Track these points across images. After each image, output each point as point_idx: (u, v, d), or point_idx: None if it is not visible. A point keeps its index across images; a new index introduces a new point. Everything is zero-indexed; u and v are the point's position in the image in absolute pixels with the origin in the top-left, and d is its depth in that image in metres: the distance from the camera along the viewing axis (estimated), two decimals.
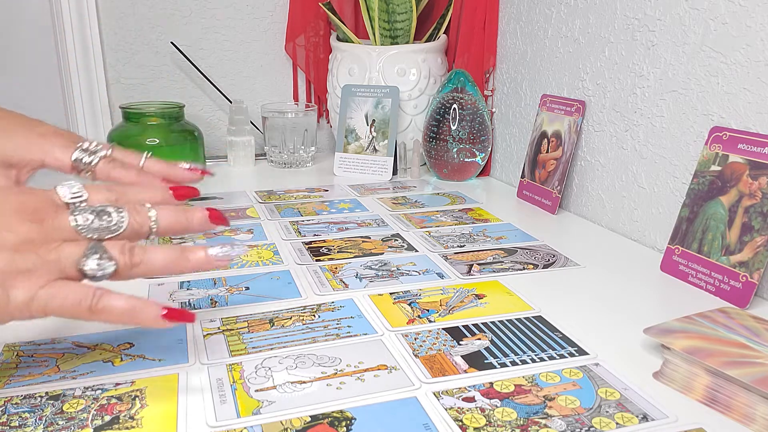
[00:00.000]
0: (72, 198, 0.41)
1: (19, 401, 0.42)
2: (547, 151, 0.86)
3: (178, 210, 0.44)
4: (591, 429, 0.39)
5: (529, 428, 0.39)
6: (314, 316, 0.54)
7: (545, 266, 0.65)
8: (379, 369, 0.46)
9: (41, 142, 0.47)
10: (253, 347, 0.49)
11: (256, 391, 0.43)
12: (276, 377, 0.45)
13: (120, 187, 0.44)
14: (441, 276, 0.62)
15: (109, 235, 0.41)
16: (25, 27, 1.10)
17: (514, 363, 0.47)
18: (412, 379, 0.45)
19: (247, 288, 0.60)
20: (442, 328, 0.52)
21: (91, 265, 0.39)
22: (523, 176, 0.91)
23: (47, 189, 0.41)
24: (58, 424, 0.40)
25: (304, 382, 0.44)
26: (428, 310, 0.55)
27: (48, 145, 0.47)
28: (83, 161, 0.48)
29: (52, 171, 0.48)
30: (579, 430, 0.39)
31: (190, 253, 0.42)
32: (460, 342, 0.50)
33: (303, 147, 1.08)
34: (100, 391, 0.43)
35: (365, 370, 0.46)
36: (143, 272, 0.41)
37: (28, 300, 0.37)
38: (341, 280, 0.61)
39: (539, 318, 0.54)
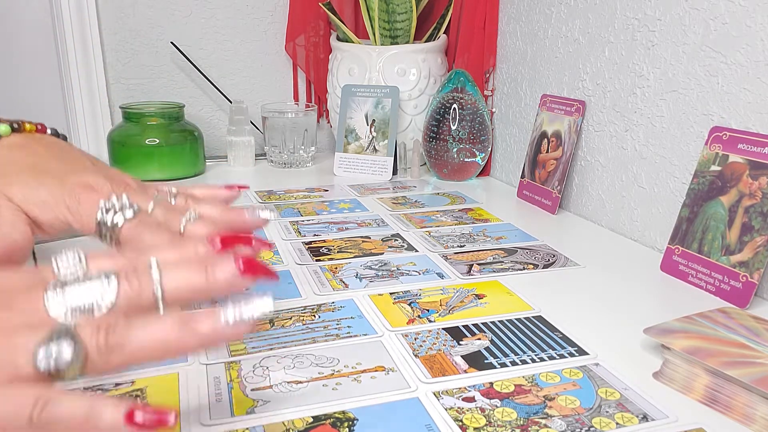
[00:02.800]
0: (65, 276, 0.31)
1: None
2: (547, 151, 0.86)
3: (193, 266, 0.32)
4: (591, 429, 0.39)
5: (529, 428, 0.39)
6: (314, 316, 0.54)
7: (545, 266, 0.65)
8: (376, 370, 0.46)
9: (69, 200, 0.39)
10: (253, 347, 0.49)
11: (252, 390, 0.43)
12: (273, 377, 0.45)
13: (136, 256, 0.33)
14: (441, 276, 0.62)
15: (97, 315, 0.30)
16: (25, 27, 1.10)
17: (514, 363, 0.47)
18: (412, 380, 0.45)
19: (247, 288, 0.59)
20: (442, 328, 0.52)
21: (41, 354, 0.27)
22: (523, 176, 0.91)
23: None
24: None
25: (300, 382, 0.44)
26: (428, 310, 0.55)
27: (75, 201, 0.39)
28: (107, 224, 0.39)
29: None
30: (579, 430, 0.39)
31: (198, 324, 0.30)
32: (460, 342, 0.50)
33: (303, 147, 1.08)
34: (100, 391, 0.43)
35: (362, 372, 0.46)
36: (125, 360, 0.29)
37: None
38: (341, 280, 0.61)
39: (539, 318, 0.54)
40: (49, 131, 0.47)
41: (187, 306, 0.32)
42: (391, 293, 0.58)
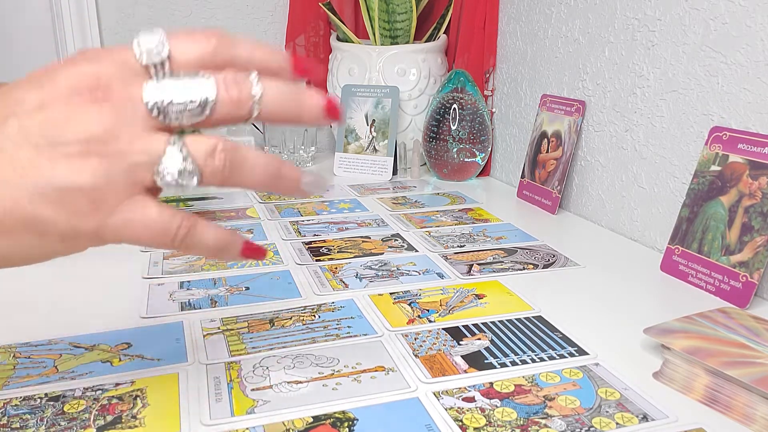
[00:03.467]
0: (150, 58, 0.29)
1: (19, 403, 0.42)
2: (547, 151, 0.86)
3: (291, 88, 0.32)
4: (591, 429, 0.39)
5: (529, 428, 0.39)
6: (314, 316, 0.54)
7: (545, 266, 0.65)
8: (376, 371, 0.46)
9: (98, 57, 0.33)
10: (253, 347, 0.49)
11: (252, 390, 0.43)
12: (273, 377, 0.45)
13: (222, 36, 0.31)
14: (441, 276, 0.62)
15: (194, 120, 0.30)
16: (25, 27, 1.10)
17: (514, 363, 0.47)
18: (412, 380, 0.45)
19: (247, 288, 0.60)
20: (442, 328, 0.52)
21: (166, 175, 0.29)
22: (523, 176, 0.91)
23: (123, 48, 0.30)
24: (60, 424, 0.40)
25: (300, 383, 0.44)
26: (428, 310, 0.55)
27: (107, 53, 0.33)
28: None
29: None
30: (579, 430, 0.39)
31: (287, 172, 0.32)
32: (460, 342, 0.50)
33: (303, 147, 1.08)
34: (100, 392, 0.43)
35: (362, 372, 0.46)
36: (236, 184, 0.31)
37: (96, 230, 0.29)
38: (341, 280, 0.61)
39: (539, 318, 0.54)
40: None
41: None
42: (391, 293, 0.58)
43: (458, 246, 0.71)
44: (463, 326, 0.52)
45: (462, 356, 0.48)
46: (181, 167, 0.29)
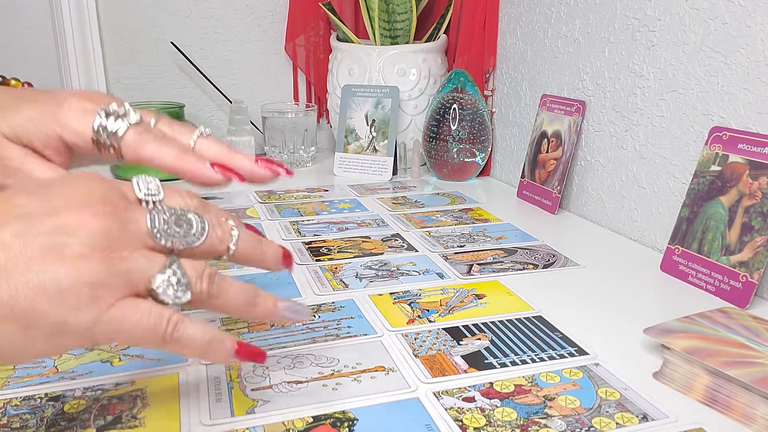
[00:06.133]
0: (147, 194, 0.34)
1: (19, 403, 0.42)
2: (547, 151, 0.86)
3: (256, 236, 0.37)
4: (591, 429, 0.39)
5: (529, 428, 0.39)
6: (314, 316, 0.54)
7: (545, 266, 0.65)
8: (376, 370, 0.46)
9: (57, 110, 0.37)
10: None
11: (252, 390, 0.43)
12: (273, 377, 0.45)
13: (200, 201, 0.36)
14: (441, 276, 0.62)
15: (183, 247, 0.33)
16: (25, 27, 1.10)
17: (514, 363, 0.47)
18: (412, 380, 0.45)
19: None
20: (442, 328, 0.52)
21: (163, 287, 0.32)
22: (523, 176, 0.91)
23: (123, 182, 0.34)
24: (60, 424, 0.40)
25: (301, 382, 0.44)
26: (428, 310, 0.55)
27: (64, 112, 0.37)
28: (106, 129, 0.37)
29: None
30: (579, 430, 0.39)
31: (261, 300, 0.36)
32: (460, 342, 0.50)
33: (303, 147, 1.08)
34: (100, 392, 0.43)
35: (362, 372, 0.46)
36: (216, 307, 0.34)
37: (92, 324, 0.30)
38: (341, 280, 0.61)
39: (539, 318, 0.54)
40: None
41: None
42: (391, 293, 0.58)
43: (458, 246, 0.71)
44: (463, 326, 0.52)
45: (462, 356, 0.48)
46: (177, 280, 0.32)
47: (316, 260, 0.66)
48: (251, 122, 1.13)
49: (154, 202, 0.34)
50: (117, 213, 0.32)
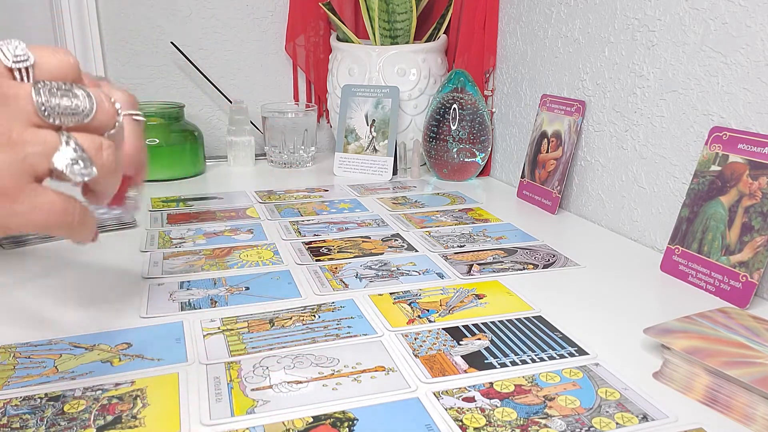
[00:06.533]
0: (15, 60, 0.31)
1: (19, 403, 0.42)
2: (547, 151, 0.86)
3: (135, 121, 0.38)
4: (591, 429, 0.39)
5: (529, 428, 0.39)
6: (314, 316, 0.54)
7: (545, 266, 0.65)
8: (376, 370, 0.46)
9: None
10: (253, 347, 0.49)
11: (252, 390, 0.43)
12: (273, 377, 0.45)
13: (73, 56, 0.34)
14: (441, 276, 0.62)
15: (73, 124, 0.32)
16: (25, 27, 1.10)
17: (514, 363, 0.47)
18: (412, 380, 0.45)
19: (247, 288, 0.60)
20: (442, 328, 0.52)
21: (65, 164, 0.31)
22: (523, 176, 0.91)
23: None
24: (59, 424, 0.40)
25: (301, 382, 0.44)
26: (428, 310, 0.55)
27: None
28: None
29: None
30: (579, 430, 0.39)
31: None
32: (460, 342, 0.50)
33: (303, 147, 1.08)
34: (100, 392, 0.43)
35: (362, 372, 0.46)
36: (108, 181, 0.35)
37: (3, 217, 0.30)
38: (341, 280, 0.61)
39: (539, 318, 0.54)
40: None
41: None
42: (391, 293, 0.58)
43: (458, 246, 0.71)
44: (463, 326, 0.52)
45: (462, 356, 0.48)
46: (75, 156, 0.31)
47: (316, 260, 0.66)
48: (251, 122, 1.13)
49: (26, 69, 0.32)
50: (1, 92, 0.30)
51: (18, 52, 0.32)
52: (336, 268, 0.64)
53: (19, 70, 0.31)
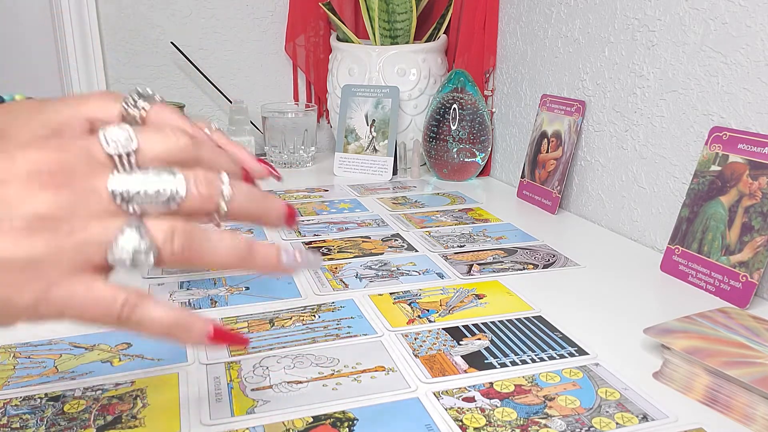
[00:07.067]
0: (116, 149, 0.29)
1: (19, 403, 0.42)
2: (547, 151, 0.86)
3: (257, 192, 0.33)
4: (591, 429, 0.39)
5: (529, 428, 0.39)
6: (314, 316, 0.54)
7: (545, 266, 0.65)
8: (376, 370, 0.46)
9: (81, 101, 0.34)
10: (253, 347, 0.49)
11: (252, 390, 0.43)
12: (273, 377, 0.45)
13: (190, 138, 0.32)
14: (441, 276, 0.62)
15: (159, 209, 0.29)
16: (25, 27, 1.10)
17: (514, 363, 0.47)
18: (412, 380, 0.45)
19: (247, 288, 0.60)
20: (442, 328, 0.52)
21: (121, 255, 0.28)
22: (523, 176, 0.91)
23: (89, 138, 0.30)
24: (59, 424, 0.40)
25: (300, 383, 0.44)
26: (428, 310, 0.55)
27: (92, 101, 0.34)
28: (130, 113, 0.34)
29: None
30: (579, 430, 0.39)
31: (260, 250, 0.32)
32: (460, 342, 0.50)
33: (303, 147, 1.08)
34: (100, 392, 0.43)
35: (362, 372, 0.46)
36: (196, 264, 0.30)
37: (34, 303, 0.28)
38: (341, 280, 0.61)
39: (539, 318, 0.54)
40: None
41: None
42: (391, 293, 0.58)
43: (458, 246, 0.71)
44: (463, 326, 0.52)
45: (462, 356, 0.48)
46: (137, 245, 0.28)
47: None
48: (251, 122, 1.13)
49: (128, 155, 0.30)
50: (72, 184, 0.28)
51: (120, 137, 0.30)
52: (336, 268, 0.64)
53: (120, 156, 0.30)
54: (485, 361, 0.47)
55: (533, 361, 0.47)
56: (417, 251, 0.69)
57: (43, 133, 0.32)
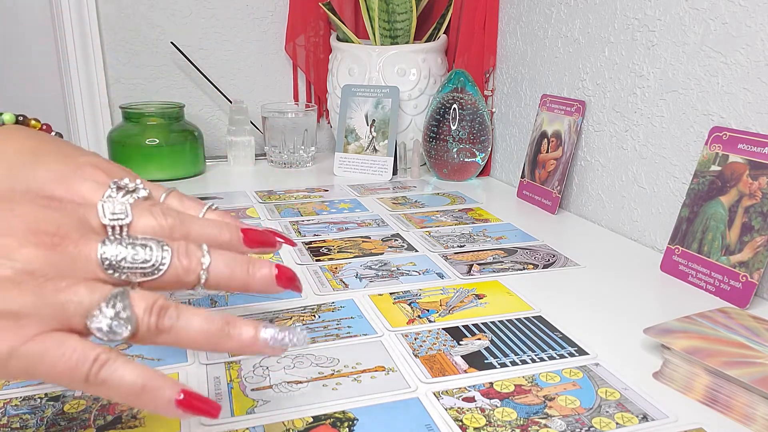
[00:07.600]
0: (112, 219, 0.32)
1: (19, 403, 0.42)
2: (547, 151, 0.86)
3: (238, 259, 0.34)
4: (591, 429, 0.39)
5: (529, 428, 0.39)
6: (314, 316, 0.54)
7: (545, 266, 0.65)
8: (376, 370, 0.46)
9: (72, 174, 0.37)
10: None
11: (252, 390, 0.43)
12: (273, 377, 0.45)
13: (179, 215, 0.34)
14: (441, 276, 0.62)
15: (142, 279, 0.31)
16: (25, 27, 1.10)
17: (514, 363, 0.47)
18: (412, 380, 0.45)
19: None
20: (442, 328, 0.52)
21: (100, 322, 0.29)
22: (523, 176, 0.91)
23: (87, 204, 0.33)
24: (59, 424, 0.40)
25: (300, 382, 0.44)
26: (428, 310, 0.55)
27: (78, 179, 0.36)
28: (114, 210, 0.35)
29: None
30: (579, 430, 0.39)
31: (235, 329, 0.32)
32: (460, 342, 0.50)
33: (303, 147, 1.08)
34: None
35: (362, 372, 0.46)
36: (170, 342, 0.31)
37: (6, 355, 0.27)
38: (341, 280, 0.61)
39: (539, 318, 0.54)
40: (53, 134, 0.46)
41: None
42: (391, 293, 0.58)
43: (458, 246, 0.71)
44: (463, 326, 0.52)
45: (462, 356, 0.48)
46: (116, 314, 0.29)
47: (316, 260, 0.66)
48: (251, 122, 1.13)
49: (120, 228, 0.32)
50: (64, 246, 0.30)
51: (117, 210, 0.32)
52: (336, 268, 0.64)
53: (113, 228, 0.32)
54: (485, 361, 0.47)
55: (533, 361, 0.47)
56: (417, 251, 0.69)
57: (44, 195, 0.34)
